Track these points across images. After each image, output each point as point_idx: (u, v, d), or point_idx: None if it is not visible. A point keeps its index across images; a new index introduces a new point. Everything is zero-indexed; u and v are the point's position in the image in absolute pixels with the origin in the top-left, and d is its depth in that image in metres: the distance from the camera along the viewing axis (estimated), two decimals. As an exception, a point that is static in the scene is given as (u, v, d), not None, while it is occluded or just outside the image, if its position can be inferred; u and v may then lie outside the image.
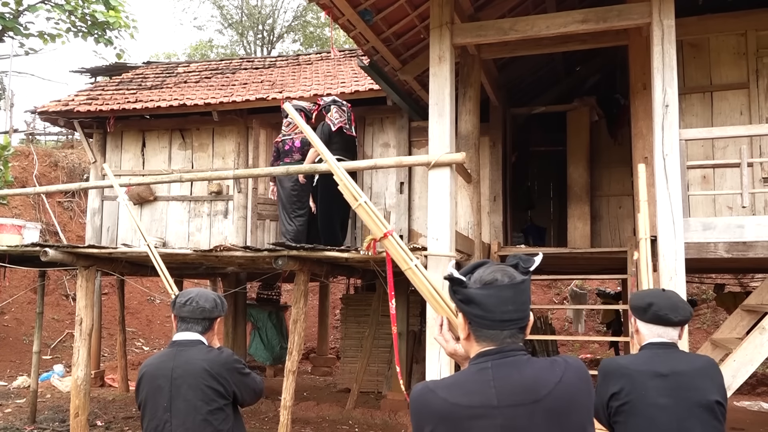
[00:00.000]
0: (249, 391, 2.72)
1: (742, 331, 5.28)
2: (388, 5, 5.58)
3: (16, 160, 14.51)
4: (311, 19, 25.48)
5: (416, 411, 1.61)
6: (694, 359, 2.48)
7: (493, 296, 1.59)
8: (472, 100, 6.18)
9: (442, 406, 1.56)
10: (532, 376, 1.56)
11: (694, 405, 2.32)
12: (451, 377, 1.69)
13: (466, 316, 1.64)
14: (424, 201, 8.08)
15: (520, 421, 1.51)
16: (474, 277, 1.63)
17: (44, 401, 8.56)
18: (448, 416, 1.54)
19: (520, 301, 1.61)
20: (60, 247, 6.00)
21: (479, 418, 1.52)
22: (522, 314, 1.61)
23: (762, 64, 5.75)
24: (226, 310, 2.78)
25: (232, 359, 2.66)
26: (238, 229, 8.96)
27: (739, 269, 9.75)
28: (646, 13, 4.64)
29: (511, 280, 1.60)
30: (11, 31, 10.74)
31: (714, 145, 5.73)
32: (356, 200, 2.37)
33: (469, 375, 1.61)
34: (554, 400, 1.54)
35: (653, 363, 2.40)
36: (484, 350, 1.61)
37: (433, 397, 1.59)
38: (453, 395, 1.57)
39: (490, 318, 1.59)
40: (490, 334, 1.60)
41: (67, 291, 13.93)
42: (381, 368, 9.34)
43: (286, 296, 13.03)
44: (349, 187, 2.40)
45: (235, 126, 9.20)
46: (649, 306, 2.47)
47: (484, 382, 1.56)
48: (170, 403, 2.51)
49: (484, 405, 1.53)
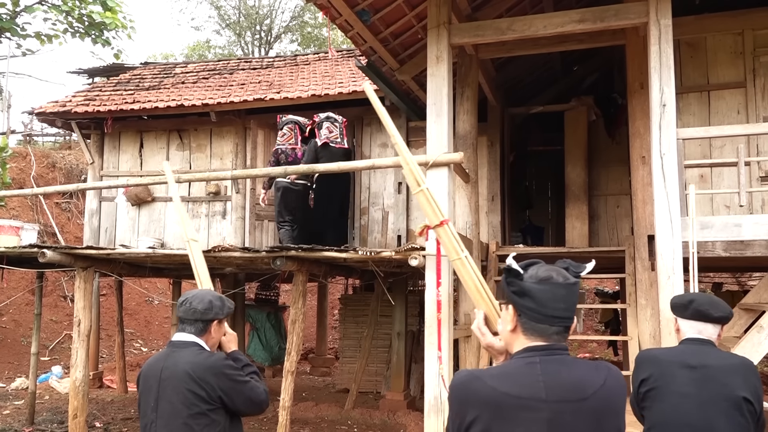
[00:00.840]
0: (243, 399, 2.57)
1: (740, 329, 5.28)
2: (386, 5, 5.58)
3: (13, 161, 14.48)
4: (309, 20, 25.48)
5: (461, 397, 1.66)
6: (729, 357, 2.55)
7: (547, 292, 1.65)
8: (469, 100, 6.18)
9: (490, 395, 1.60)
10: (579, 376, 1.63)
11: (720, 398, 2.37)
12: (497, 368, 1.74)
13: (517, 309, 1.70)
14: (422, 201, 8.08)
15: (566, 417, 1.57)
16: (530, 273, 1.70)
17: (42, 403, 8.55)
18: (496, 404, 1.59)
19: (571, 301, 1.68)
20: (58, 249, 5.99)
21: (527, 410, 1.57)
22: (570, 314, 1.69)
23: (759, 63, 5.77)
24: (229, 312, 2.68)
25: (220, 364, 2.54)
26: (236, 229, 8.96)
27: (736, 268, 9.77)
28: (643, 13, 4.65)
29: (565, 279, 1.68)
30: (8, 32, 10.72)
31: (711, 144, 5.74)
32: (419, 185, 2.44)
33: (517, 367, 1.66)
34: (598, 401, 1.61)
35: (684, 355, 2.49)
36: (532, 345, 1.67)
37: (481, 385, 1.63)
38: (502, 385, 1.61)
39: (541, 312, 1.66)
40: (539, 328, 1.66)
41: (65, 292, 13.91)
42: (380, 368, 9.34)
43: (285, 297, 13.02)
44: (414, 171, 2.49)
45: (233, 126, 9.20)
46: (690, 303, 2.56)
47: (533, 376, 1.61)
48: (157, 403, 2.50)
49: (532, 397, 1.58)
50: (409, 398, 8.38)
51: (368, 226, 8.60)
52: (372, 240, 8.57)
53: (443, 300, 4.71)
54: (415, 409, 8.04)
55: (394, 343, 8.55)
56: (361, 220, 8.65)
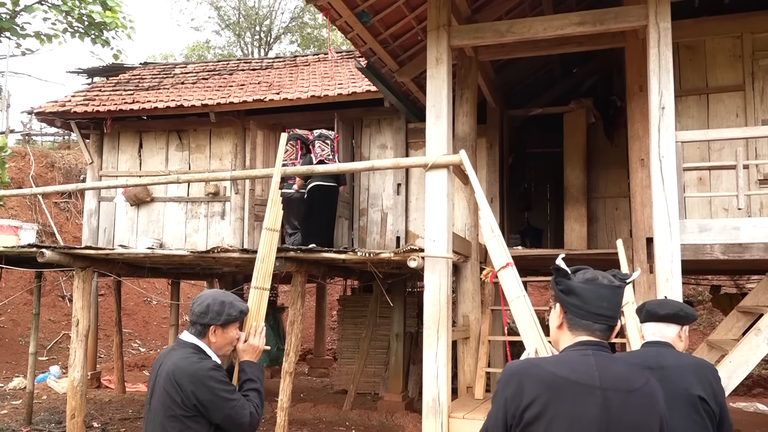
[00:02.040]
0: (221, 416, 2.37)
1: (738, 332, 5.29)
2: (386, 7, 5.59)
3: (12, 160, 14.47)
4: (308, 21, 25.48)
5: (521, 381, 1.76)
6: (684, 357, 2.58)
7: (592, 291, 1.81)
8: (469, 102, 6.19)
9: (550, 378, 1.74)
10: (627, 371, 1.80)
11: (677, 398, 2.39)
12: (552, 357, 1.91)
13: (564, 306, 1.85)
14: (421, 202, 8.10)
15: (617, 404, 1.72)
16: (578, 274, 1.86)
17: (40, 403, 8.54)
18: (555, 387, 1.72)
19: (615, 302, 1.83)
20: (57, 248, 5.99)
21: (583, 394, 1.72)
22: (614, 314, 1.83)
23: (758, 66, 5.78)
24: (229, 319, 2.49)
25: (204, 373, 2.36)
26: (235, 230, 8.96)
27: (735, 271, 9.77)
28: (643, 16, 4.66)
29: (610, 282, 1.83)
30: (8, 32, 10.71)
31: (710, 147, 5.75)
32: (492, 232, 2.72)
33: (573, 357, 1.79)
34: (642, 395, 1.76)
35: (644, 357, 2.54)
36: (583, 340, 1.81)
37: (540, 371, 1.76)
38: (561, 370, 1.75)
39: (586, 309, 1.81)
40: (583, 324, 1.81)
41: (64, 292, 13.90)
42: (378, 369, 9.34)
43: (283, 297, 13.02)
44: (489, 221, 2.79)
45: (233, 127, 9.20)
46: (643, 306, 2.73)
47: (588, 365, 1.75)
48: (151, 397, 2.49)
49: (588, 383, 1.72)
50: (407, 399, 8.38)
51: (367, 227, 8.61)
52: (371, 241, 8.57)
53: (442, 302, 4.72)
54: (413, 410, 8.04)
55: (392, 344, 8.55)
56: (360, 221, 8.65)
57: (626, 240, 5.95)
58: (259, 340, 2.64)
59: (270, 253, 2.78)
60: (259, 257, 2.76)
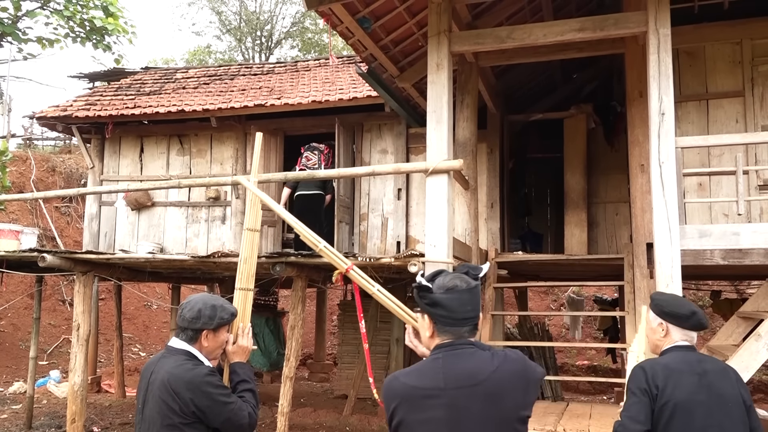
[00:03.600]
0: (221, 420, 2.38)
1: (738, 338, 5.29)
2: (387, 13, 5.61)
3: (13, 165, 14.49)
4: (309, 26, 25.55)
5: (384, 393, 1.98)
6: (714, 361, 2.68)
7: (455, 299, 1.93)
8: (469, 107, 6.20)
9: (402, 388, 1.93)
10: (473, 365, 1.90)
11: (723, 403, 2.48)
12: (412, 366, 2.02)
13: (432, 317, 1.98)
14: (421, 207, 8.10)
15: (462, 401, 1.86)
16: (436, 284, 1.97)
17: (41, 407, 8.53)
18: (406, 396, 1.91)
19: (475, 302, 1.97)
20: (57, 253, 6.00)
21: (430, 398, 1.88)
22: (476, 313, 1.98)
23: (757, 72, 5.79)
24: (222, 322, 2.50)
25: (200, 380, 2.37)
26: (235, 234, 8.97)
27: (735, 276, 9.77)
28: (642, 22, 4.68)
29: (468, 285, 1.95)
30: (10, 36, 10.75)
31: (710, 153, 5.76)
32: (317, 245, 2.76)
33: (424, 364, 1.98)
34: (490, 384, 1.87)
35: (690, 365, 2.56)
36: (440, 343, 1.96)
37: (396, 383, 1.96)
38: (410, 380, 1.94)
39: (453, 317, 1.94)
40: (452, 330, 1.95)
41: (64, 296, 13.89)
42: (378, 374, 9.31)
43: (284, 302, 13.01)
44: (308, 236, 2.80)
45: (234, 132, 9.22)
46: (693, 314, 2.66)
47: (435, 369, 1.91)
48: (143, 406, 2.47)
49: (433, 387, 1.88)
50: (408, 405, 8.37)
51: (368, 232, 8.62)
52: (371, 246, 8.58)
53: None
54: (414, 415, 8.03)
55: (392, 349, 8.54)
56: (361, 226, 8.66)
57: (626, 245, 5.97)
58: (247, 341, 2.65)
59: (252, 254, 2.81)
60: (242, 258, 2.77)
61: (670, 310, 2.68)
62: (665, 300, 2.74)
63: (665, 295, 2.80)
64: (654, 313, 2.74)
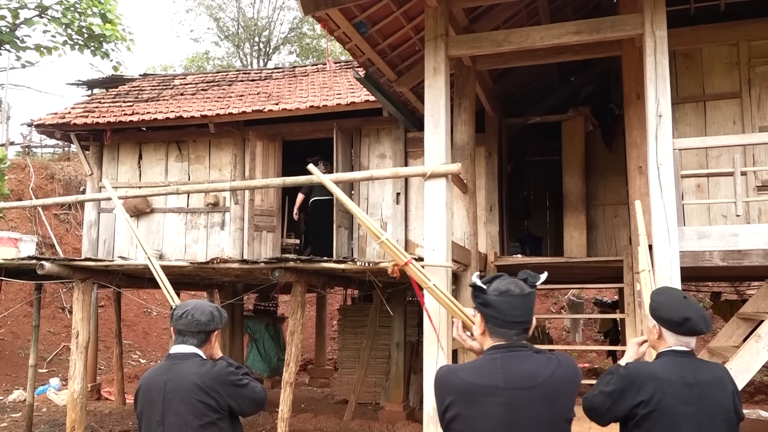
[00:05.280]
0: (248, 401, 2.65)
1: (738, 339, 5.29)
2: (384, 17, 5.62)
3: (12, 172, 14.50)
4: (307, 31, 25.59)
5: (440, 387, 2.10)
6: (713, 369, 2.50)
7: (506, 303, 2.06)
8: (467, 111, 6.21)
9: (461, 384, 2.04)
10: (532, 368, 2.02)
11: (715, 414, 2.36)
12: (468, 363, 2.15)
13: (484, 316, 2.12)
14: (420, 211, 8.10)
15: (520, 401, 1.98)
16: (492, 287, 2.10)
17: (40, 415, 8.51)
18: (465, 391, 2.03)
19: (527, 308, 2.09)
20: (56, 260, 5.99)
21: (489, 395, 1.99)
22: (527, 318, 2.09)
23: (754, 73, 5.80)
24: (225, 322, 2.74)
25: (225, 372, 2.59)
26: (234, 240, 8.96)
27: (734, 277, 9.77)
28: (639, 25, 4.69)
29: (521, 291, 2.08)
30: (8, 44, 10.75)
31: (708, 154, 5.76)
32: (379, 237, 2.93)
33: (483, 362, 2.09)
34: (547, 387, 2.00)
35: (682, 373, 2.39)
36: (496, 344, 2.09)
37: (454, 377, 2.08)
38: (470, 376, 2.05)
39: (502, 319, 2.07)
40: (501, 331, 2.08)
41: (64, 304, 13.87)
42: (379, 379, 9.30)
43: (284, 307, 12.99)
44: (371, 228, 3.01)
45: (232, 138, 9.23)
46: (686, 320, 2.44)
47: (494, 369, 2.02)
48: (163, 417, 2.50)
49: (492, 385, 2.00)
50: (408, 409, 8.35)
51: (367, 237, 8.61)
52: (371, 251, 8.57)
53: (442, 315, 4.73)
54: (414, 420, 8.01)
55: (393, 353, 8.53)
56: (360, 230, 8.65)
57: (626, 247, 5.97)
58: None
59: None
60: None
61: (661, 314, 2.49)
62: (661, 302, 2.53)
63: (663, 296, 2.56)
64: (650, 313, 2.57)
